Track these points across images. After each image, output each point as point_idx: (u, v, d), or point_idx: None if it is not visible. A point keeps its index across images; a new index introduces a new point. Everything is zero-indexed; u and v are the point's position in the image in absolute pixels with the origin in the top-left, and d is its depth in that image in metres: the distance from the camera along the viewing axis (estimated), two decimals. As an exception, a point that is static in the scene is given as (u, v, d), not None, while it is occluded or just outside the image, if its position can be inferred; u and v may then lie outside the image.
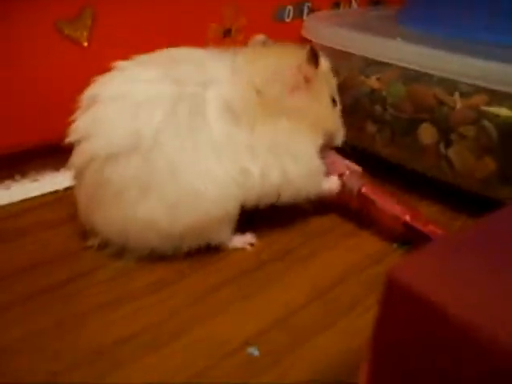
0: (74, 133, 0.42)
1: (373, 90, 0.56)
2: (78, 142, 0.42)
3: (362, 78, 0.56)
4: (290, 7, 0.65)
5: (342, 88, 0.58)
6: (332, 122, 0.50)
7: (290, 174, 0.45)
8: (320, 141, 0.48)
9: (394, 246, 0.47)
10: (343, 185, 0.50)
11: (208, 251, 0.45)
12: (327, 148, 0.50)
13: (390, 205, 0.48)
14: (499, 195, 0.50)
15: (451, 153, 0.51)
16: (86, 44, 0.51)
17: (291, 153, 0.45)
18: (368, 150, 0.58)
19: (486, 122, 0.48)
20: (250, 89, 0.45)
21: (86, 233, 0.45)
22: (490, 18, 0.53)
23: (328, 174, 0.49)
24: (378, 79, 0.56)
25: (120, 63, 0.43)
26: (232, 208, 0.44)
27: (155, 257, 0.44)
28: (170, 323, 0.38)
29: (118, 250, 0.44)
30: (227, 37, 0.61)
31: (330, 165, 0.50)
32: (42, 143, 0.47)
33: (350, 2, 0.71)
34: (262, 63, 0.46)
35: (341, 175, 0.50)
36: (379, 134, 0.56)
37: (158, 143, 0.40)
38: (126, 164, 0.40)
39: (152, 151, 0.40)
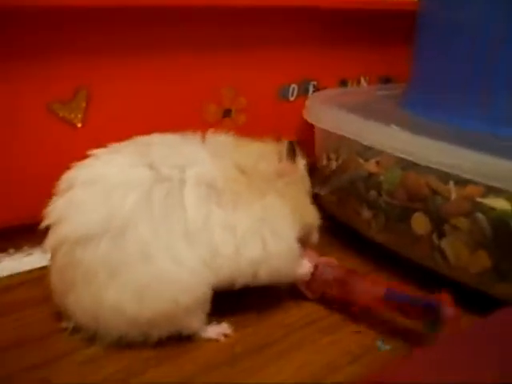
0: (49, 216, 0.42)
1: (370, 175, 0.54)
2: (52, 224, 0.42)
3: (361, 161, 0.55)
4: (294, 86, 0.65)
5: (340, 171, 0.58)
6: (310, 216, 0.50)
7: (268, 249, 0.44)
8: (297, 229, 0.47)
9: (377, 343, 0.45)
10: (319, 275, 0.49)
11: (179, 340, 0.44)
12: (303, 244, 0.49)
13: (369, 284, 0.47)
14: (495, 292, 0.47)
15: (444, 244, 0.49)
16: (79, 125, 0.52)
17: (274, 228, 0.45)
18: (364, 235, 0.57)
19: (479, 215, 0.46)
20: (234, 168, 0.45)
21: (60, 314, 0.45)
22: (484, 108, 0.51)
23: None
24: (377, 163, 0.54)
25: (96, 151, 0.44)
26: (203, 295, 0.43)
27: (125, 344, 0.43)
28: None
29: (90, 335, 0.43)
30: (227, 117, 0.61)
31: (304, 255, 0.49)
32: (27, 221, 0.48)
33: (359, 80, 0.71)
34: (245, 149, 0.47)
35: (315, 266, 0.49)
36: (374, 219, 0.55)
37: (129, 227, 0.40)
38: (95, 247, 0.40)
39: (123, 235, 0.40)
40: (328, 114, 0.56)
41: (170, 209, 0.42)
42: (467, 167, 0.45)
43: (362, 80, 0.72)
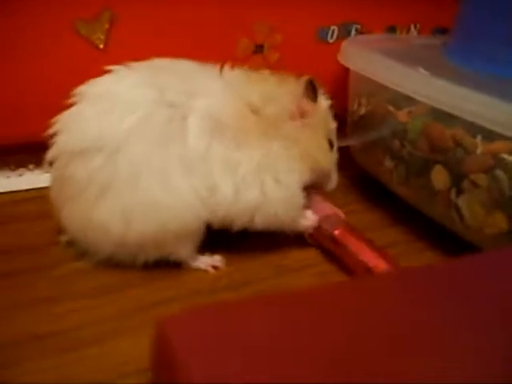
0: (51, 127, 0.43)
1: (398, 124, 0.51)
2: (53, 135, 0.42)
3: (391, 108, 0.52)
4: (334, 27, 0.61)
5: (368, 117, 0.55)
6: (325, 161, 0.47)
7: (268, 195, 0.43)
8: (308, 175, 0.46)
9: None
10: (320, 226, 0.47)
11: (168, 266, 0.43)
12: (316, 190, 0.48)
13: (361, 251, 0.44)
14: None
15: (462, 202, 0.45)
16: (101, 46, 0.51)
17: (274, 175, 0.43)
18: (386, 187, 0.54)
19: (499, 172, 0.42)
20: (245, 106, 0.43)
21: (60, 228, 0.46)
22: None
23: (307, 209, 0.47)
24: (409, 113, 0.51)
25: (113, 67, 0.43)
26: (193, 225, 0.42)
27: (114, 263, 0.43)
28: (91, 330, 0.37)
29: (82, 250, 0.44)
30: (259, 53, 0.59)
31: (314, 204, 0.47)
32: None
33: (409, 28, 0.66)
34: (259, 85, 0.45)
35: (320, 216, 0.47)
36: (395, 170, 0.52)
37: (123, 147, 0.40)
38: (88, 163, 0.40)
39: (116, 154, 0.40)
40: (360, 57, 0.53)
41: (170, 135, 0.41)
42: (497, 118, 0.41)
43: (413, 28, 0.67)
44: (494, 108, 0.41)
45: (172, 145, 0.41)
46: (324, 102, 0.48)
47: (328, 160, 0.48)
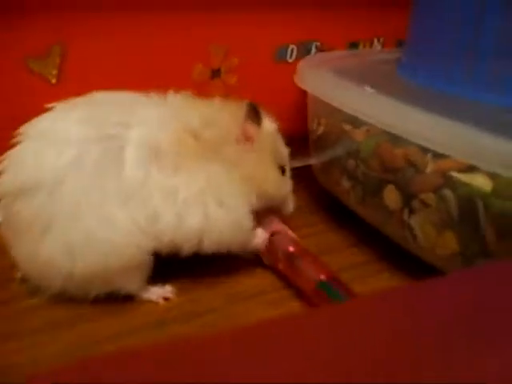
0: None
1: (353, 143, 0.50)
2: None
3: (348, 127, 0.51)
4: (293, 46, 0.61)
5: (324, 137, 0.54)
6: (273, 186, 0.47)
7: (212, 218, 0.43)
8: (254, 199, 0.45)
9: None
10: (272, 244, 0.47)
11: (119, 299, 0.43)
12: (273, 214, 0.48)
13: (311, 266, 0.44)
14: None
15: (413, 223, 0.45)
16: (54, 81, 0.52)
17: (217, 198, 0.43)
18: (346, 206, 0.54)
19: (447, 192, 0.42)
20: (185, 130, 0.43)
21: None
22: (469, 74, 0.45)
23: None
24: (367, 131, 0.50)
25: (55, 104, 0.44)
26: (137, 257, 0.42)
27: (66, 298, 0.43)
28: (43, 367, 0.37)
29: (35, 286, 0.44)
30: (216, 78, 0.59)
31: (266, 224, 0.48)
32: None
33: (372, 42, 0.66)
34: (200, 109, 0.45)
35: (272, 234, 0.47)
36: (353, 190, 0.51)
37: (62, 183, 0.40)
38: (31, 200, 0.40)
39: (55, 191, 0.40)
40: (312, 77, 0.53)
41: (106, 168, 0.41)
42: (442, 141, 0.40)
43: (376, 42, 0.66)
44: (440, 129, 0.41)
45: (109, 177, 0.41)
46: (270, 126, 0.48)
47: (277, 186, 0.48)
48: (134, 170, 0.41)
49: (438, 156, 0.42)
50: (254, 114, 0.45)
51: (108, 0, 0.51)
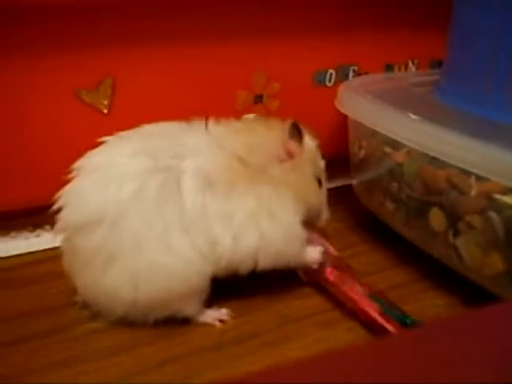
0: (56, 202, 0.45)
1: (395, 166, 0.52)
2: (58, 210, 0.45)
3: (388, 150, 0.53)
4: (331, 71, 0.63)
5: (367, 160, 0.56)
6: (316, 198, 0.50)
7: (267, 236, 0.45)
8: (301, 212, 0.48)
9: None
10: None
11: (177, 322, 0.45)
12: (310, 227, 0.50)
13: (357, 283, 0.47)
14: (508, 297, 0.44)
15: (459, 244, 0.46)
16: (106, 111, 0.54)
17: (270, 215, 0.45)
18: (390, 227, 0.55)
19: (492, 214, 0.43)
20: (232, 157, 0.45)
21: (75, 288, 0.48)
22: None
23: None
24: (408, 153, 0.51)
25: (107, 138, 0.46)
26: (197, 283, 0.44)
27: (126, 322, 0.45)
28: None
29: (95, 311, 0.46)
30: (259, 103, 0.61)
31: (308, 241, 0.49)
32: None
33: (407, 65, 0.67)
34: (244, 136, 0.47)
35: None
36: (397, 212, 0.53)
37: (123, 216, 0.42)
38: (92, 234, 0.42)
39: (117, 224, 0.42)
40: (353, 102, 0.54)
41: (166, 198, 0.43)
42: (486, 166, 0.42)
43: (411, 64, 0.68)
44: (481, 154, 0.42)
45: (169, 207, 0.43)
46: (310, 143, 0.50)
47: (317, 197, 0.50)
48: (192, 199, 0.43)
49: (480, 178, 0.43)
50: (296, 132, 0.47)
51: (155, 33, 0.53)
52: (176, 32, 0.54)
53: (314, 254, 0.49)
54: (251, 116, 0.51)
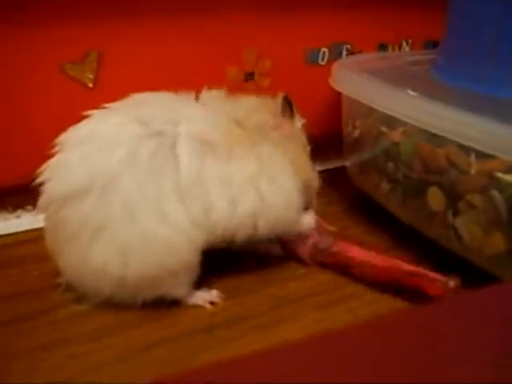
0: (39, 176, 0.43)
1: (391, 145, 0.50)
2: (42, 184, 0.43)
3: (384, 129, 0.51)
4: (324, 49, 0.61)
5: (362, 139, 0.54)
6: (312, 175, 0.48)
7: (265, 199, 0.43)
8: (300, 184, 0.46)
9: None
10: (317, 243, 0.48)
11: (166, 304, 0.43)
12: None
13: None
14: (509, 277, 0.42)
15: (459, 223, 0.45)
16: (91, 85, 0.52)
17: (270, 178, 0.44)
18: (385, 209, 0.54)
19: (495, 193, 0.42)
20: (229, 121, 0.44)
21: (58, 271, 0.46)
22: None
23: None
24: (404, 132, 0.50)
25: (92, 111, 0.43)
26: (191, 258, 0.42)
27: (112, 304, 0.43)
28: (91, 377, 0.37)
29: (80, 293, 0.44)
30: (250, 81, 0.59)
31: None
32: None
33: (401, 44, 0.66)
34: (239, 103, 0.46)
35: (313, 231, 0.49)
36: (392, 193, 0.51)
37: (114, 184, 0.40)
38: (80, 205, 0.40)
39: (107, 192, 0.40)
40: (349, 80, 0.53)
41: (161, 164, 0.41)
42: (487, 141, 0.40)
43: (404, 44, 0.66)
44: (483, 129, 0.41)
45: (164, 174, 0.41)
46: (298, 121, 0.48)
47: (314, 176, 0.49)
48: (188, 165, 0.41)
49: (481, 156, 0.42)
50: (288, 107, 0.46)
51: (143, 5, 0.51)
52: (165, 5, 0.52)
53: (308, 219, 0.48)
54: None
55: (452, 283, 0.42)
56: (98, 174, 0.40)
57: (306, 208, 0.48)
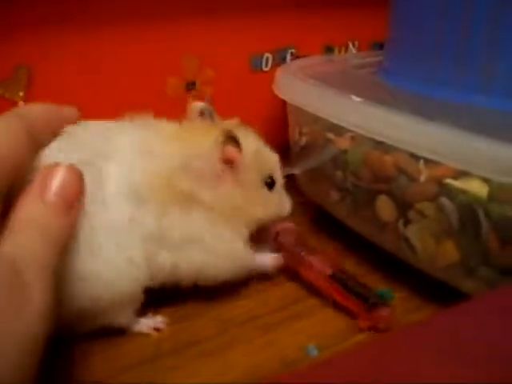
0: None
1: (339, 153, 0.48)
2: None
3: (331, 136, 0.49)
4: (268, 55, 0.59)
5: (309, 147, 0.52)
6: (262, 210, 0.44)
7: (208, 263, 0.42)
8: (246, 230, 0.44)
9: (308, 347, 0.40)
10: (282, 245, 0.47)
11: (111, 333, 0.40)
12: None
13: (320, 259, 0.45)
14: (463, 288, 0.41)
15: (410, 233, 0.43)
16: (22, 103, 0.49)
17: (205, 245, 0.41)
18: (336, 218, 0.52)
19: (445, 200, 0.40)
20: (159, 176, 0.39)
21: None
22: (458, 76, 0.44)
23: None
24: (352, 138, 0.48)
25: None
26: (130, 291, 0.39)
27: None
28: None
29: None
30: (192, 90, 0.56)
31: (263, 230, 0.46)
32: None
33: (347, 46, 0.64)
34: (175, 147, 0.41)
35: (276, 235, 0.48)
36: (342, 202, 0.49)
37: None
38: None
39: None
40: (291, 87, 0.51)
41: (91, 197, 0.37)
42: (434, 148, 0.39)
43: (351, 46, 0.65)
44: (429, 135, 0.39)
45: (96, 211, 0.37)
46: (251, 144, 0.44)
47: (265, 208, 0.45)
48: (118, 211, 0.38)
49: (430, 162, 0.41)
50: (232, 139, 0.41)
51: (74, 16, 0.48)
52: (97, 14, 0.50)
53: (273, 259, 0.47)
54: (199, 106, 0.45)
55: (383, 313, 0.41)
56: None
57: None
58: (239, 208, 0.42)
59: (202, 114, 0.44)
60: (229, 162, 0.41)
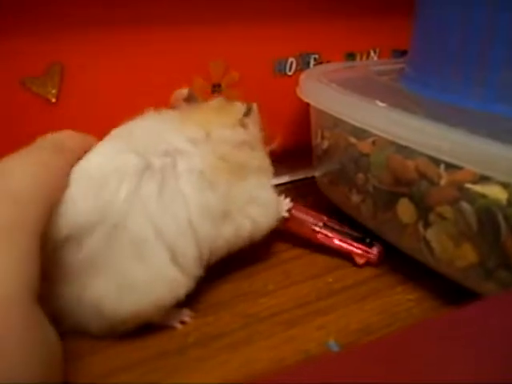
0: None
1: (360, 156, 0.50)
2: None
3: (353, 140, 0.51)
4: (292, 59, 0.61)
5: (331, 151, 0.54)
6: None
7: (259, 223, 0.46)
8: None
9: (329, 342, 0.41)
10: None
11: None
12: None
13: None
14: (481, 290, 0.42)
15: (430, 236, 0.44)
16: (54, 100, 0.50)
17: (260, 200, 0.46)
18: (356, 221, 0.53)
19: (464, 204, 0.41)
20: (216, 158, 0.43)
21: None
22: (480, 85, 0.45)
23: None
24: (373, 143, 0.49)
25: None
26: (184, 292, 0.41)
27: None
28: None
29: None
30: (216, 92, 0.58)
31: None
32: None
33: (369, 53, 0.66)
34: (213, 130, 0.45)
35: None
36: (363, 205, 0.51)
37: (122, 220, 0.38)
38: (79, 246, 0.37)
39: (116, 229, 0.37)
40: (316, 91, 0.52)
41: (167, 201, 0.39)
42: (456, 153, 0.40)
43: (372, 53, 0.66)
44: (451, 140, 0.40)
45: (173, 211, 0.39)
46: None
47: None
48: (196, 198, 0.40)
49: (451, 167, 0.42)
50: (249, 110, 0.48)
51: (107, 17, 0.50)
52: (129, 16, 0.51)
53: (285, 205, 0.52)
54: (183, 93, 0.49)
55: (375, 251, 0.50)
56: (105, 210, 0.37)
57: None
58: (268, 162, 0.49)
59: (188, 99, 0.48)
60: (246, 127, 0.47)
